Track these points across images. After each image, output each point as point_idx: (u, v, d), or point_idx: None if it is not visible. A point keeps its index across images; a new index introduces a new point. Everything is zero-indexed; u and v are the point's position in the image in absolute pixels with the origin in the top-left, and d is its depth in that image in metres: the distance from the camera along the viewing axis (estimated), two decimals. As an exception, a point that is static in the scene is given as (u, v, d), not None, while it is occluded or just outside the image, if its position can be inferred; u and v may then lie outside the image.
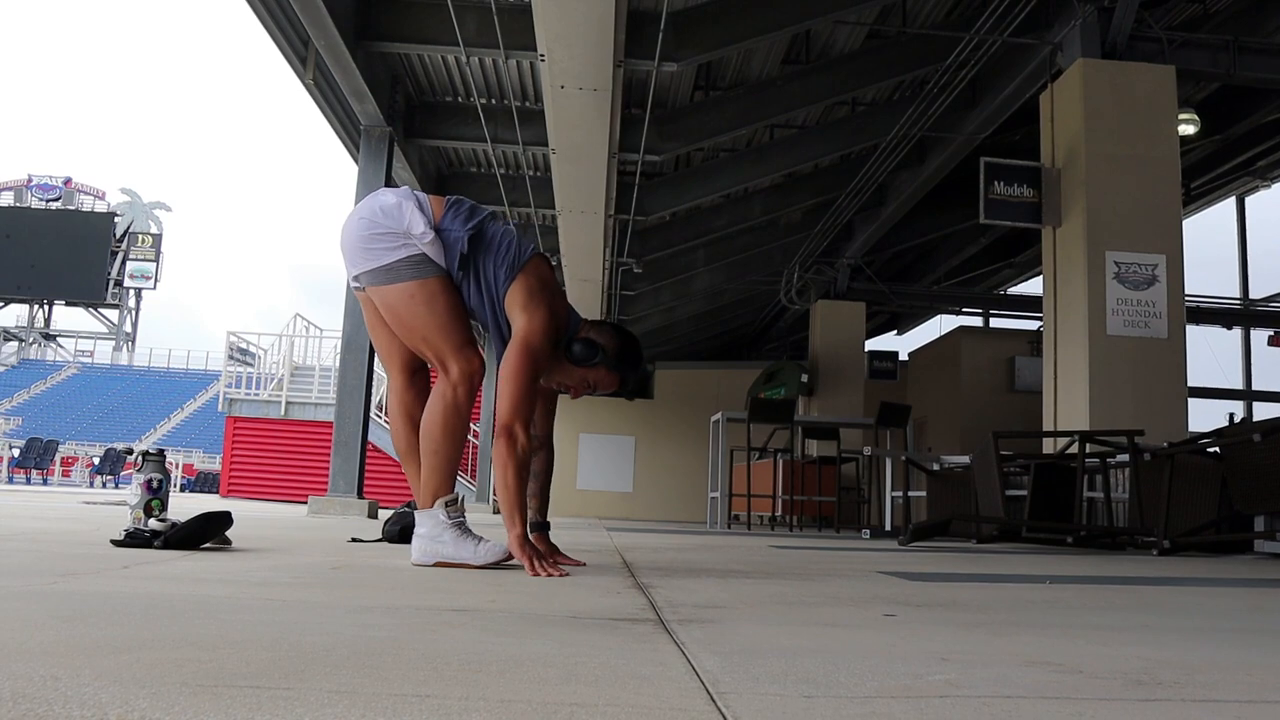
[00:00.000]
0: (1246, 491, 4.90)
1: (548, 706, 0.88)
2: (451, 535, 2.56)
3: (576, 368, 2.75)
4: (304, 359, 19.78)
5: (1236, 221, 15.21)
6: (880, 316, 17.44)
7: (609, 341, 2.77)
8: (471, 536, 2.57)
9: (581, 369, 2.75)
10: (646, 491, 17.62)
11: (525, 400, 2.58)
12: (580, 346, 2.73)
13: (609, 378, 2.77)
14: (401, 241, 2.62)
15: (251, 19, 7.28)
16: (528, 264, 2.68)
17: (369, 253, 2.65)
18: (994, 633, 1.59)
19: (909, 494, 8.46)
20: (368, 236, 2.65)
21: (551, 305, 2.67)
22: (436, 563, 2.56)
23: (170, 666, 0.99)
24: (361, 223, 2.67)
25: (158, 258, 63.23)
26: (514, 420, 2.55)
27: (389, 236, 2.63)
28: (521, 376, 2.58)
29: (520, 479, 2.55)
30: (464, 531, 2.58)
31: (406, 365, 2.83)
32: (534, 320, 2.61)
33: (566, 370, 2.77)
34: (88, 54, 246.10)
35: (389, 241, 2.62)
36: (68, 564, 2.21)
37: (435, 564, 2.56)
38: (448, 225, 2.67)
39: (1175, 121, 7.42)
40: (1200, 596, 2.64)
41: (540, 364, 2.64)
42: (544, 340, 2.62)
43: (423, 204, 2.68)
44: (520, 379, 2.58)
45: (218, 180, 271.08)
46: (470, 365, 2.65)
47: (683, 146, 9.24)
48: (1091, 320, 6.74)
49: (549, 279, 2.72)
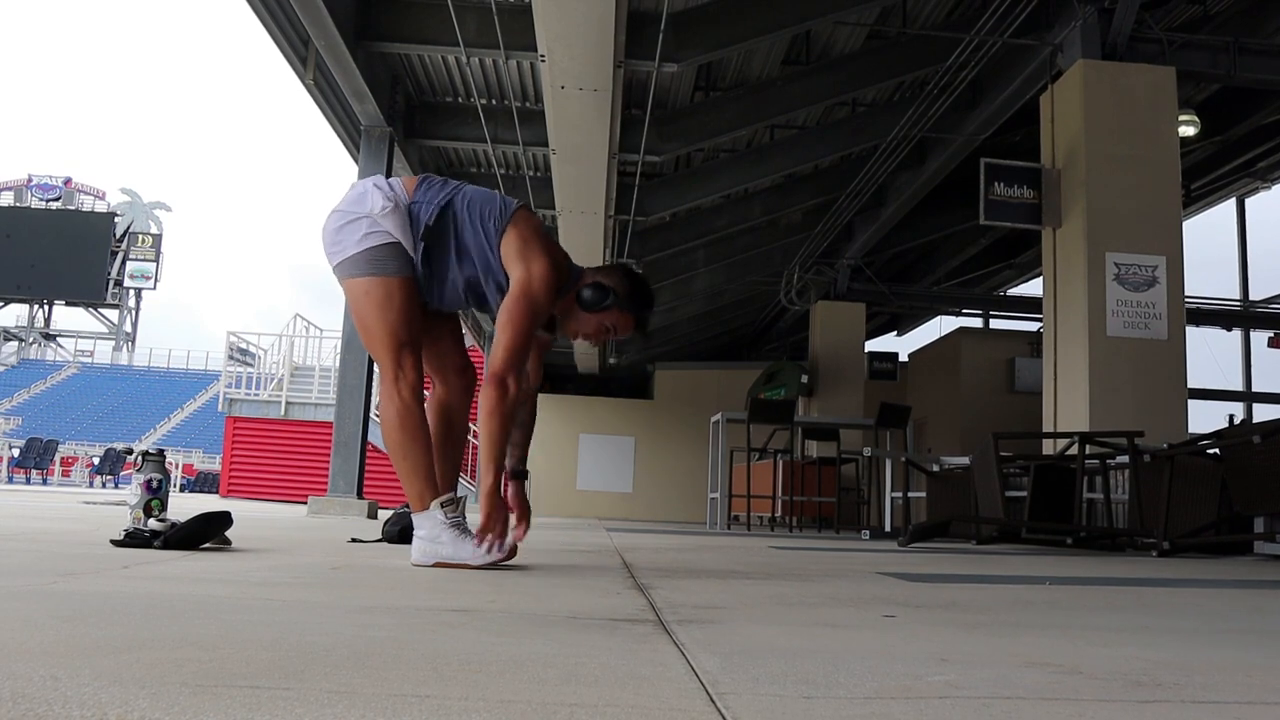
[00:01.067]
0: (1246, 493, 4.90)
1: (548, 707, 0.88)
2: (450, 536, 2.55)
3: (591, 314, 2.72)
4: (304, 359, 19.78)
5: (1236, 223, 15.22)
6: (880, 317, 17.44)
7: (618, 284, 2.75)
8: (470, 536, 2.56)
9: (596, 315, 2.72)
10: (646, 492, 17.62)
11: (520, 349, 2.57)
12: (590, 292, 2.71)
13: (624, 319, 2.75)
14: (366, 229, 2.61)
15: (251, 19, 7.28)
16: (515, 215, 2.67)
17: (337, 244, 2.66)
18: (994, 633, 1.59)
19: (909, 495, 8.46)
20: (338, 228, 2.66)
21: (549, 252, 2.64)
22: (436, 563, 2.56)
23: (170, 666, 0.99)
24: (334, 215, 2.69)
25: (158, 258, 63.22)
26: (507, 370, 2.54)
27: (355, 224, 2.63)
28: (519, 324, 2.56)
29: (504, 430, 2.55)
30: (463, 532, 2.56)
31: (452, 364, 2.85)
32: (533, 268, 2.59)
33: (581, 319, 2.74)
34: (88, 54, 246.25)
35: (355, 230, 2.63)
36: (68, 564, 2.21)
37: (434, 564, 2.56)
38: (419, 198, 2.67)
39: (1175, 123, 7.42)
40: (1200, 598, 2.64)
41: (539, 313, 2.62)
42: (544, 288, 2.59)
43: (392, 185, 2.69)
44: (518, 326, 2.56)
45: (218, 180, 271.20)
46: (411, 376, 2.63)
47: (683, 147, 9.24)
48: (1091, 321, 6.74)
49: (539, 228, 2.72)
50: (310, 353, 20.07)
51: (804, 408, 13.41)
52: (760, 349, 19.46)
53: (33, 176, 61.96)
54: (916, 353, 17.09)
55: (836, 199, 11.06)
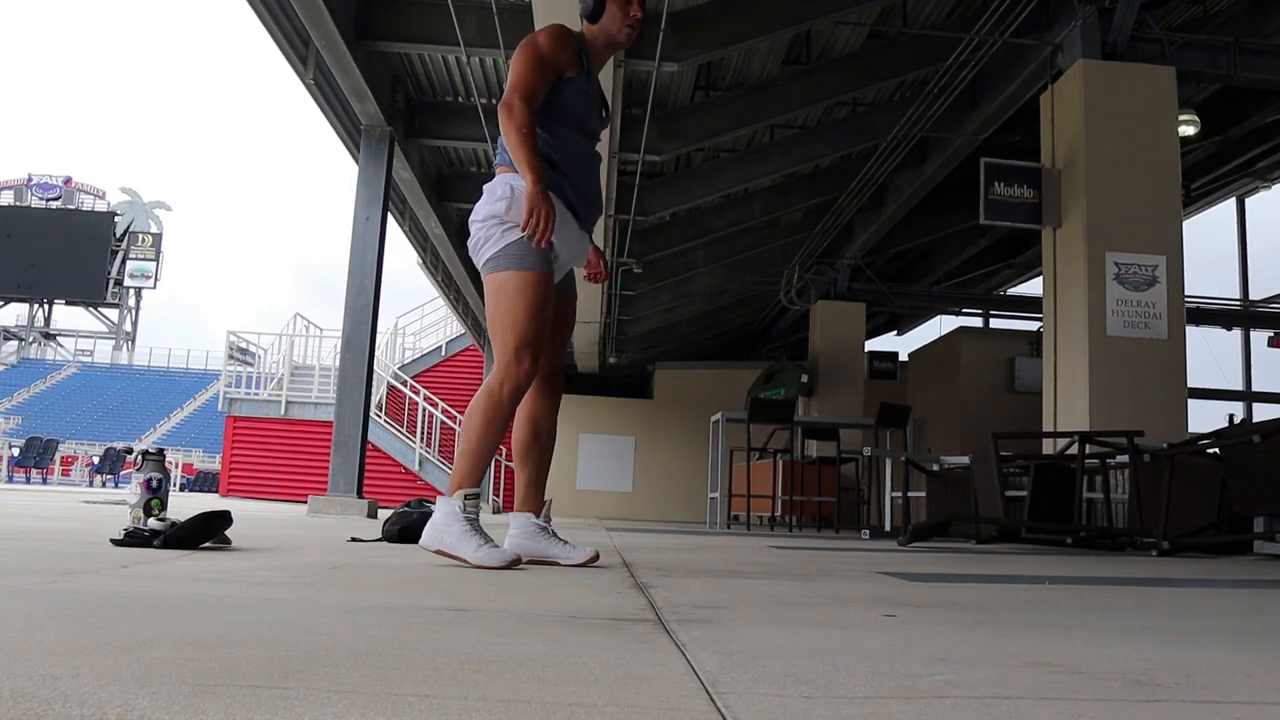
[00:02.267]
0: (1246, 492, 4.90)
1: (547, 706, 0.88)
2: (460, 528, 2.56)
3: (604, 21, 2.89)
4: (304, 358, 19.78)
5: (1236, 222, 15.22)
6: (880, 317, 17.45)
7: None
8: (478, 535, 2.56)
9: (604, 17, 2.88)
10: (646, 492, 17.63)
11: (524, 84, 2.68)
12: (583, 4, 2.88)
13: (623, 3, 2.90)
14: (502, 228, 2.68)
15: (251, 19, 7.28)
16: None
17: (477, 245, 2.75)
18: (994, 633, 1.59)
19: (909, 494, 8.46)
20: (477, 231, 2.75)
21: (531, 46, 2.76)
22: (438, 550, 2.59)
23: (170, 666, 0.99)
24: (473, 220, 2.76)
25: (158, 257, 63.21)
26: (513, 95, 2.67)
27: (490, 223, 2.71)
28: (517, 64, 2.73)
29: (529, 140, 2.64)
30: (473, 528, 2.57)
31: (544, 369, 2.83)
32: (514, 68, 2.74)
33: (602, 32, 2.90)
34: (88, 54, 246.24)
35: (491, 229, 2.70)
36: (67, 563, 2.21)
37: (436, 550, 2.59)
38: None
39: (1175, 122, 7.42)
40: (1200, 597, 2.64)
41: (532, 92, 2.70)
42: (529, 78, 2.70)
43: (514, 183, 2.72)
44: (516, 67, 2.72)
45: (218, 180, 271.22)
46: (520, 374, 2.66)
47: (683, 146, 9.24)
48: (1091, 321, 6.74)
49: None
50: (310, 352, 20.10)
51: (804, 407, 13.41)
52: (760, 349, 19.46)
53: (33, 176, 61.93)
54: (916, 352, 17.10)
55: (836, 199, 11.06)
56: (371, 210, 8.46)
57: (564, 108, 2.78)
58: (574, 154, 2.82)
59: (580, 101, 2.83)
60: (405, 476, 17.55)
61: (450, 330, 21.10)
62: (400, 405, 19.14)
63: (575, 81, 2.81)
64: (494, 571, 2.45)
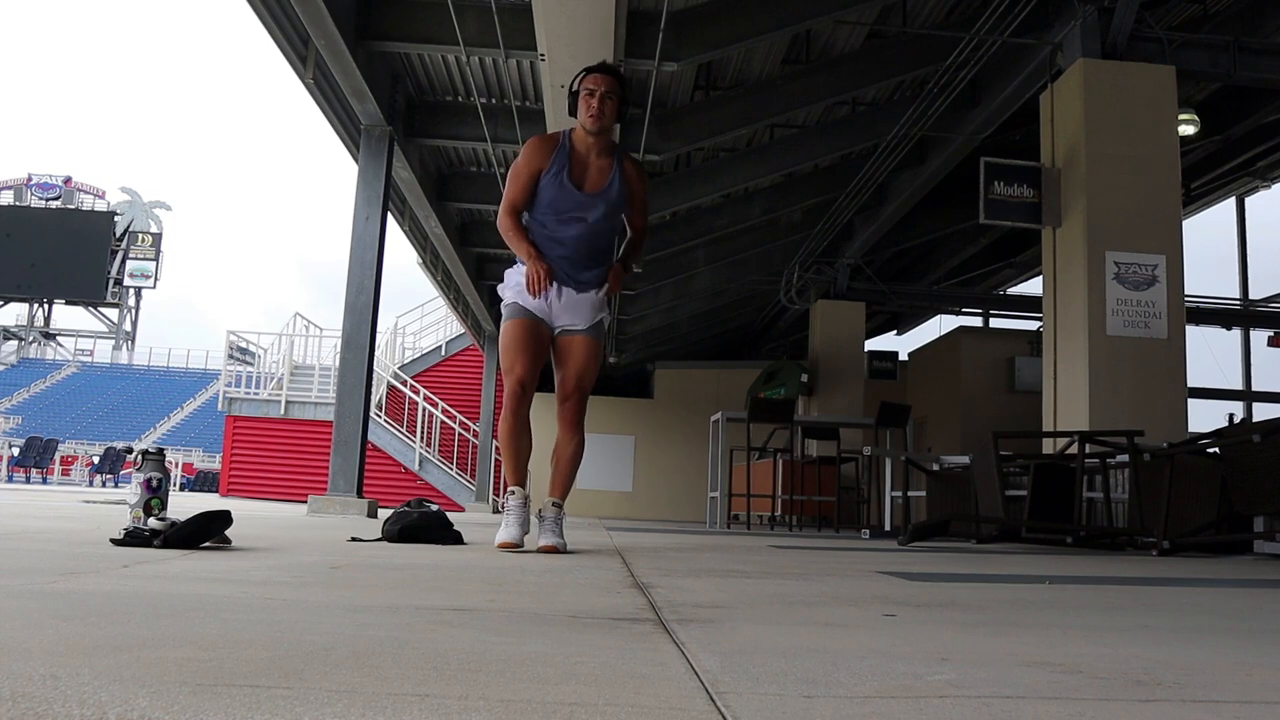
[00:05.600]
0: (1246, 492, 4.90)
1: (547, 706, 0.88)
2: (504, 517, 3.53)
3: (579, 115, 3.52)
4: (304, 358, 19.78)
5: (1236, 222, 15.21)
6: (880, 316, 17.44)
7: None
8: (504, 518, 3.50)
9: (579, 112, 3.51)
10: (646, 491, 17.62)
11: (504, 201, 3.60)
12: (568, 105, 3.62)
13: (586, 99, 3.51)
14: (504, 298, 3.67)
15: (251, 18, 7.27)
16: None
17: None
18: (994, 633, 1.59)
19: (909, 494, 8.46)
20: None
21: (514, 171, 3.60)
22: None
23: (170, 666, 0.99)
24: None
25: (158, 257, 63.23)
26: (500, 208, 3.62)
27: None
28: (502, 202, 3.64)
29: (514, 238, 3.55)
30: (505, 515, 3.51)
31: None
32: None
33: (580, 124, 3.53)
34: (88, 54, 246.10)
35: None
36: (68, 563, 2.21)
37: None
38: None
39: (1175, 122, 7.42)
40: (1200, 597, 2.64)
41: (510, 201, 3.58)
42: (507, 191, 3.60)
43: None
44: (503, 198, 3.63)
45: (218, 179, 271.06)
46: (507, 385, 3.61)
47: (683, 146, 9.23)
48: (1091, 320, 6.74)
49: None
50: (310, 352, 20.10)
51: (804, 407, 13.41)
52: (760, 348, 19.46)
53: (33, 176, 61.94)
54: (916, 352, 17.09)
55: (836, 198, 11.06)
56: (371, 210, 8.45)
57: (538, 197, 3.55)
58: (538, 235, 3.57)
59: (550, 188, 3.51)
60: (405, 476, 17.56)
61: (450, 330, 21.08)
62: (400, 405, 19.15)
63: (547, 173, 3.52)
64: (494, 571, 2.45)
